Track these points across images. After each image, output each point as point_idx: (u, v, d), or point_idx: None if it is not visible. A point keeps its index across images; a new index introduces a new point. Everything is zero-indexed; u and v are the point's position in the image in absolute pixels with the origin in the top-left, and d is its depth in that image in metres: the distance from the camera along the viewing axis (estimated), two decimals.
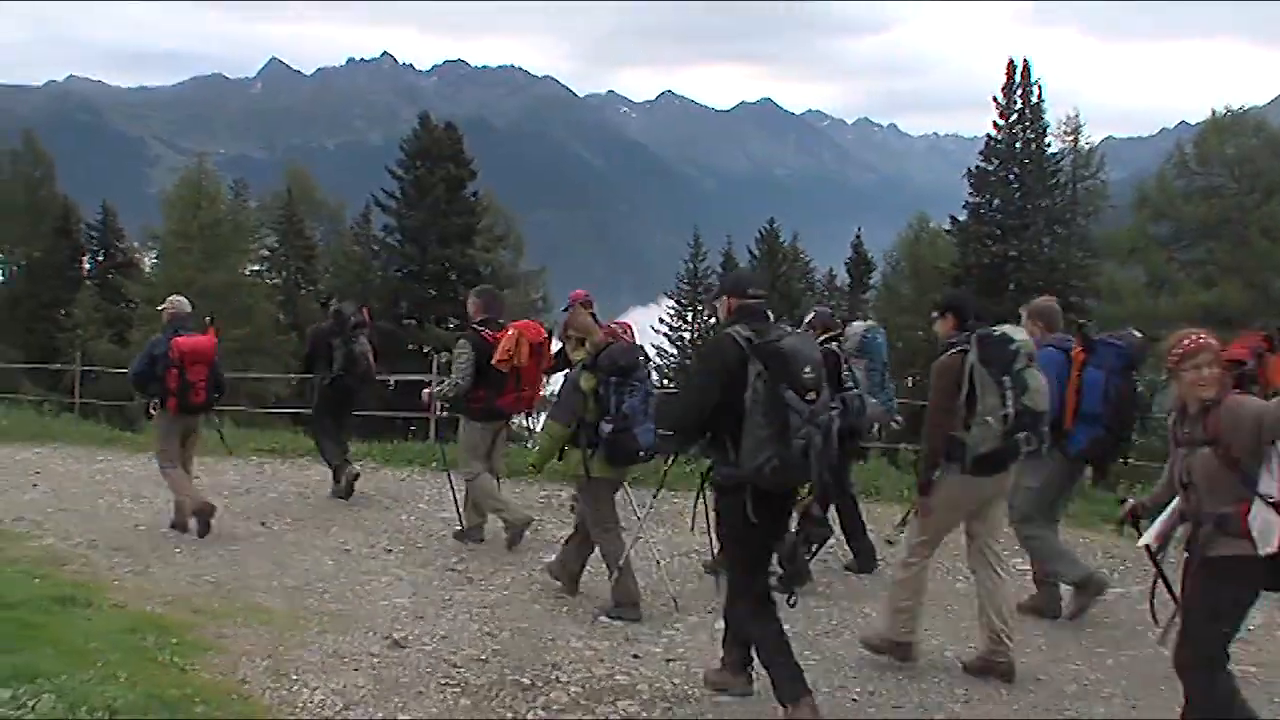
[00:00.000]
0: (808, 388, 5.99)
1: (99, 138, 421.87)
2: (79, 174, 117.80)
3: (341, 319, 13.09)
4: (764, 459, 5.95)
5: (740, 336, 6.16)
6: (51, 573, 9.57)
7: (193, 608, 8.76)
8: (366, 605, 8.99)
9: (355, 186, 71.03)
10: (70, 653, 7.07)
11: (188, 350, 11.04)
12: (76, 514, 12.27)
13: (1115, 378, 8.07)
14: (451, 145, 51.73)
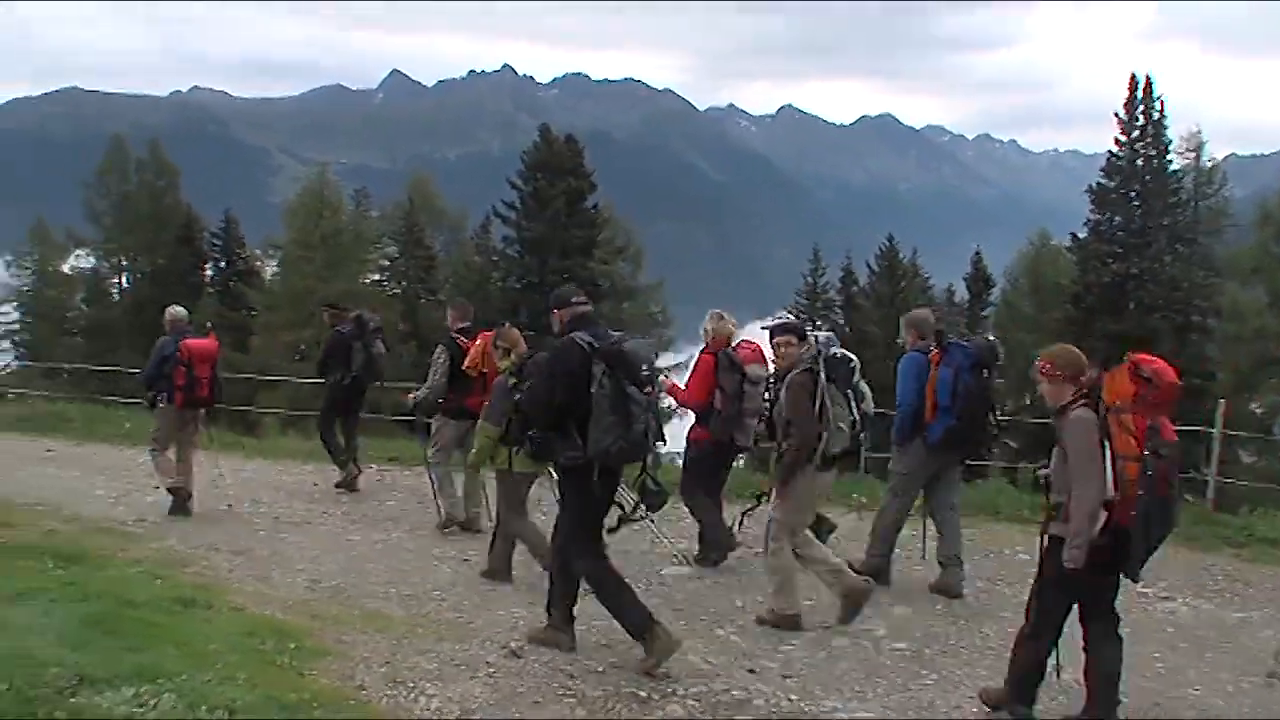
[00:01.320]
0: (644, 383, 7.31)
1: (223, 148, 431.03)
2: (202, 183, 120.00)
3: (362, 324, 14.29)
4: (611, 441, 7.12)
5: (583, 341, 7.31)
6: (173, 574, 9.78)
7: (311, 613, 8.89)
8: (484, 614, 9.03)
9: (476, 197, 71.59)
10: (190, 654, 7.17)
11: (196, 350, 12.39)
12: (197, 517, 12.54)
13: (964, 375, 9.27)
14: (572, 157, 51.95)
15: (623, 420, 7.15)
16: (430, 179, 67.65)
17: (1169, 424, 6.26)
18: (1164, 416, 6.25)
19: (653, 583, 10.02)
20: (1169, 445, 6.18)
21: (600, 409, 7.13)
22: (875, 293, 53.36)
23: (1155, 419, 6.20)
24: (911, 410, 9.54)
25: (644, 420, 7.26)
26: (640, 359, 7.36)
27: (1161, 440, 6.15)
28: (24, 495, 13.51)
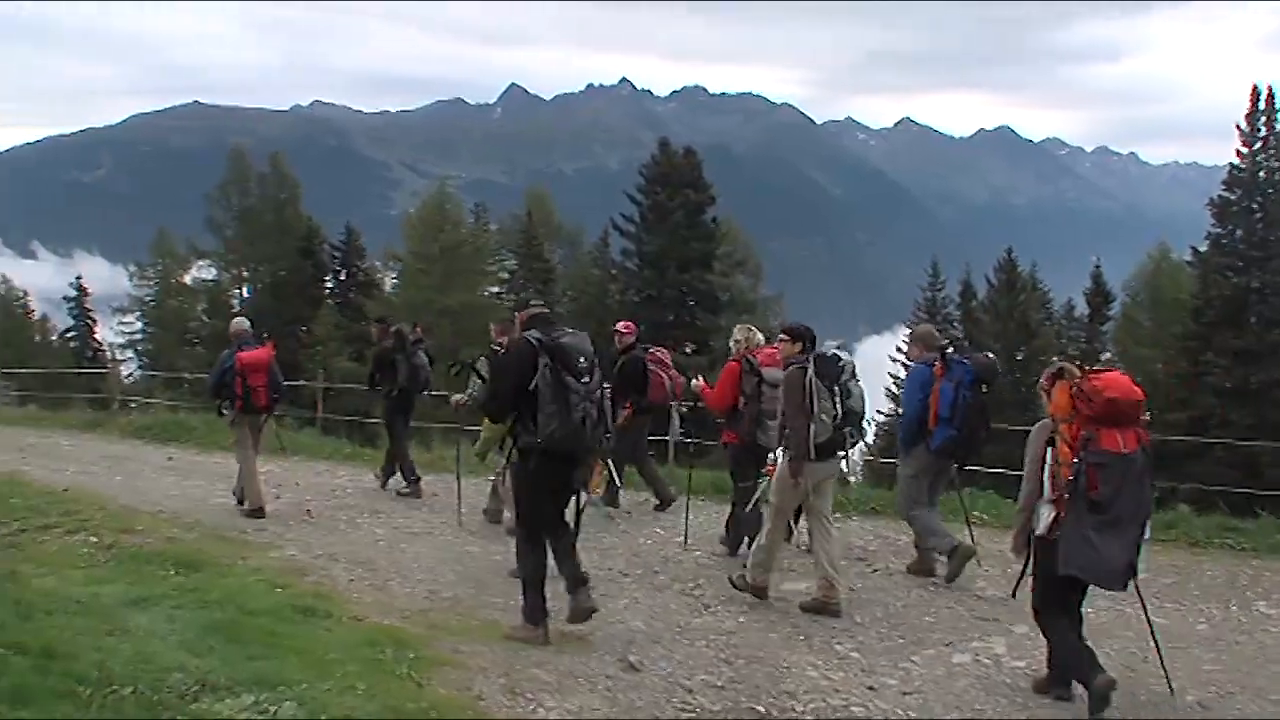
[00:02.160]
0: (581, 373, 8.08)
1: (344, 161, 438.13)
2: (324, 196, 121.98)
3: (402, 337, 14.94)
4: (552, 428, 7.96)
5: (533, 338, 8.16)
6: (293, 583, 9.89)
7: (430, 623, 8.94)
8: (603, 627, 8.98)
9: (594, 211, 71.91)
10: (310, 662, 7.23)
11: (248, 362, 13.26)
12: (317, 526, 12.71)
13: (964, 390, 10.12)
14: (691, 170, 51.87)
15: (563, 408, 7.98)
16: (548, 193, 68.10)
17: (1115, 435, 6.92)
18: (1106, 428, 6.92)
19: (772, 598, 9.90)
20: (1107, 455, 6.87)
21: (544, 398, 7.98)
22: (994, 307, 52.57)
23: (1092, 430, 6.93)
24: (915, 418, 10.50)
25: (582, 409, 8.06)
26: (578, 352, 8.15)
27: (1096, 449, 6.88)
28: (146, 502, 13.79)
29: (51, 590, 8.48)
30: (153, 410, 26.07)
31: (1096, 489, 6.86)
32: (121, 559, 10.58)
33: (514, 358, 8.30)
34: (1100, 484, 6.85)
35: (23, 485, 14.79)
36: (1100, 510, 6.88)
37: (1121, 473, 6.90)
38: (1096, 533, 6.90)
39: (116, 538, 11.47)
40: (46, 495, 14.03)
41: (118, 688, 5.24)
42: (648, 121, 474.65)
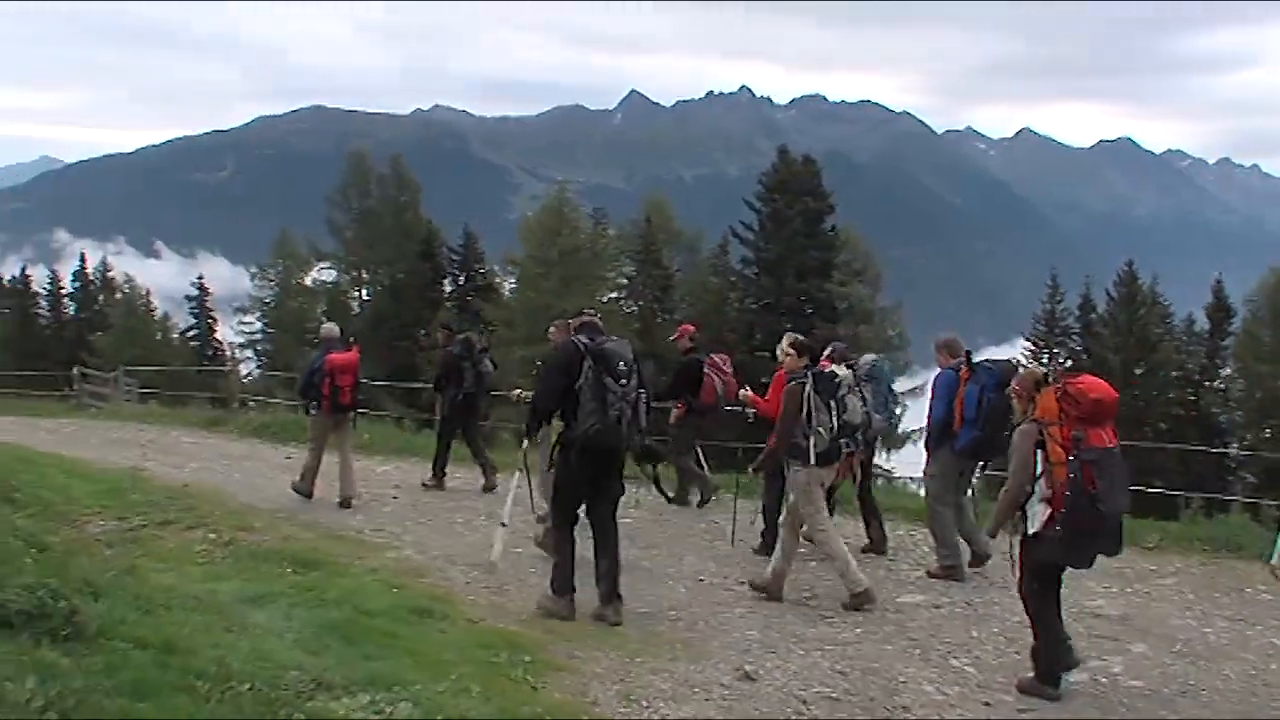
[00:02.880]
0: (620, 376, 8.98)
1: (463, 165, 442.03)
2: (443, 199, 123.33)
3: (469, 344, 15.67)
4: (590, 424, 8.91)
5: (580, 342, 9.16)
6: (409, 584, 9.98)
7: (545, 627, 8.95)
8: (719, 635, 8.98)
9: (713, 218, 71.71)
10: (426, 663, 7.28)
11: (337, 363, 14.15)
12: (434, 528, 12.79)
13: (989, 393, 10.57)
14: (810, 179, 51.48)
15: (601, 407, 8.91)
16: (667, 199, 67.85)
17: (1100, 433, 7.53)
18: (1093, 427, 7.52)
19: (888, 610, 9.88)
20: (1097, 451, 7.45)
21: (585, 397, 8.94)
22: (1113, 320, 51.59)
23: (1081, 430, 7.49)
24: (941, 420, 11.07)
25: (619, 408, 8.97)
26: (619, 358, 9.06)
27: (1088, 447, 7.43)
28: (264, 500, 13.98)
29: (170, 586, 8.60)
30: (271, 410, 26.41)
31: (1094, 484, 7.39)
32: (239, 556, 10.74)
33: (562, 358, 9.24)
34: (1097, 479, 7.41)
35: (143, 481, 15.07)
36: (1098, 504, 7.40)
37: (1110, 466, 7.52)
38: (1094, 525, 7.48)
39: (234, 535, 11.66)
40: (166, 491, 14.29)
41: (235, 684, 5.28)
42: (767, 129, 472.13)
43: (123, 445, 20.07)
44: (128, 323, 60.77)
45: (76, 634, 5.59)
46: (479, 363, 15.62)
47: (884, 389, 12.38)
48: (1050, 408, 7.66)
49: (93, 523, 12.28)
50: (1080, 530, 7.47)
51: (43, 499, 12.46)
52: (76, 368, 34.76)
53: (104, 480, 15.24)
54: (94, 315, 67.97)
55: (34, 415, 27.79)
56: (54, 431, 23.12)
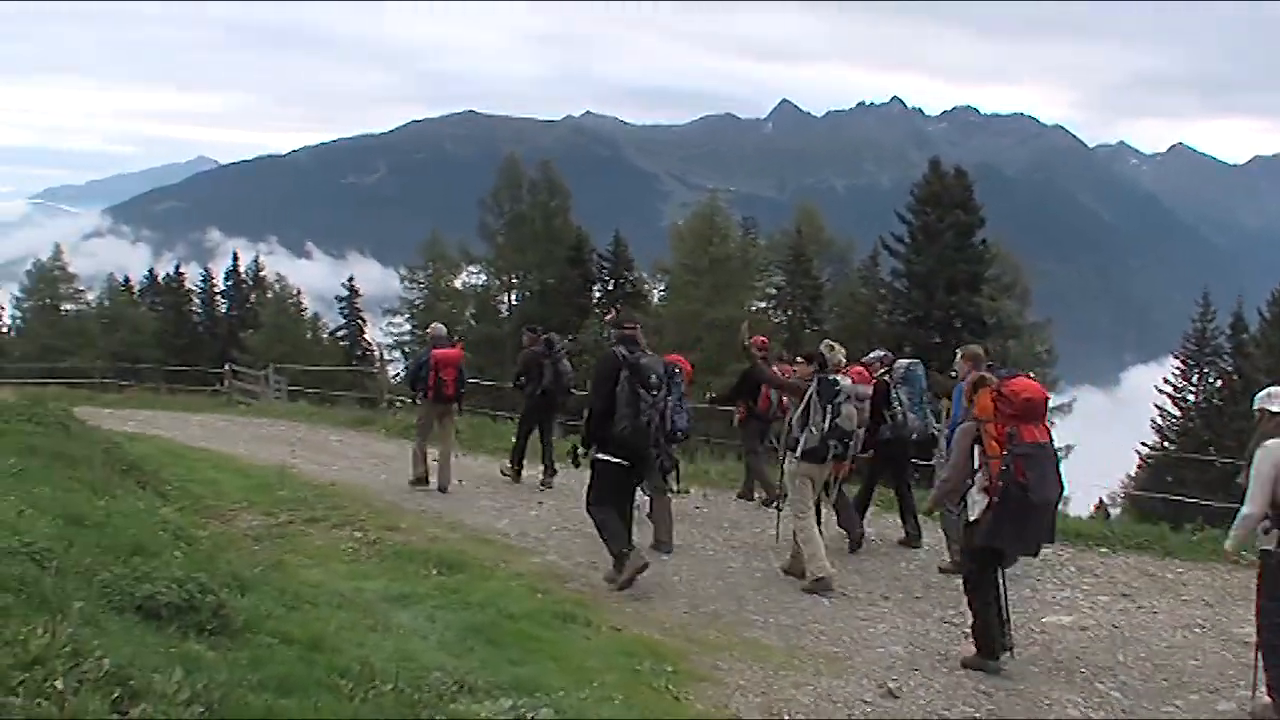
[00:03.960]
0: (652, 387, 10.25)
1: (614, 171, 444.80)
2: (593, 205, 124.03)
3: (551, 344, 16.53)
4: (624, 425, 10.13)
5: (619, 354, 10.36)
6: (553, 589, 10.04)
7: (689, 637, 8.95)
8: (862, 651, 8.94)
9: (863, 228, 71.15)
10: (569, 669, 7.29)
11: (441, 358, 15.60)
12: (578, 533, 12.74)
13: None
14: (961, 191, 50.96)
15: (633, 412, 10.12)
16: (818, 209, 67.56)
17: (1032, 429, 8.34)
18: (1025, 424, 8.32)
19: (1033, 632, 9.77)
20: (1029, 446, 8.25)
21: (620, 402, 10.14)
22: (1265, 340, 50.03)
23: (1014, 427, 8.30)
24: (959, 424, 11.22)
25: (648, 414, 10.22)
26: (650, 370, 10.34)
27: (1020, 443, 8.24)
28: (411, 501, 14.13)
29: (316, 582, 8.71)
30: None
31: (1025, 476, 8.17)
32: (385, 556, 10.88)
33: (606, 368, 10.42)
34: (1027, 471, 8.19)
35: (291, 478, 15.33)
36: (1029, 493, 8.15)
37: (1041, 460, 8.30)
38: (1024, 513, 8.24)
39: (381, 534, 11.81)
40: (314, 489, 14.54)
41: (379, 683, 5.28)
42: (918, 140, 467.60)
43: (271, 442, 20.45)
44: (278, 321, 62.10)
45: (223, 628, 5.64)
46: (558, 361, 16.45)
47: (918, 391, 13.24)
48: (986, 407, 8.46)
49: (241, 518, 12.51)
50: (1012, 518, 8.25)
51: (192, 493, 12.74)
52: (228, 364, 35.54)
53: (253, 476, 15.55)
54: (245, 313, 69.69)
55: (185, 410, 28.46)
56: (204, 427, 23.65)
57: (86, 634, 4.18)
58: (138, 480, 11.39)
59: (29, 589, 4.99)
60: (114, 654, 3.98)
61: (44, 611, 4.51)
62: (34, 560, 5.59)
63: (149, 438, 19.65)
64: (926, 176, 52.44)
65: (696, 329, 47.58)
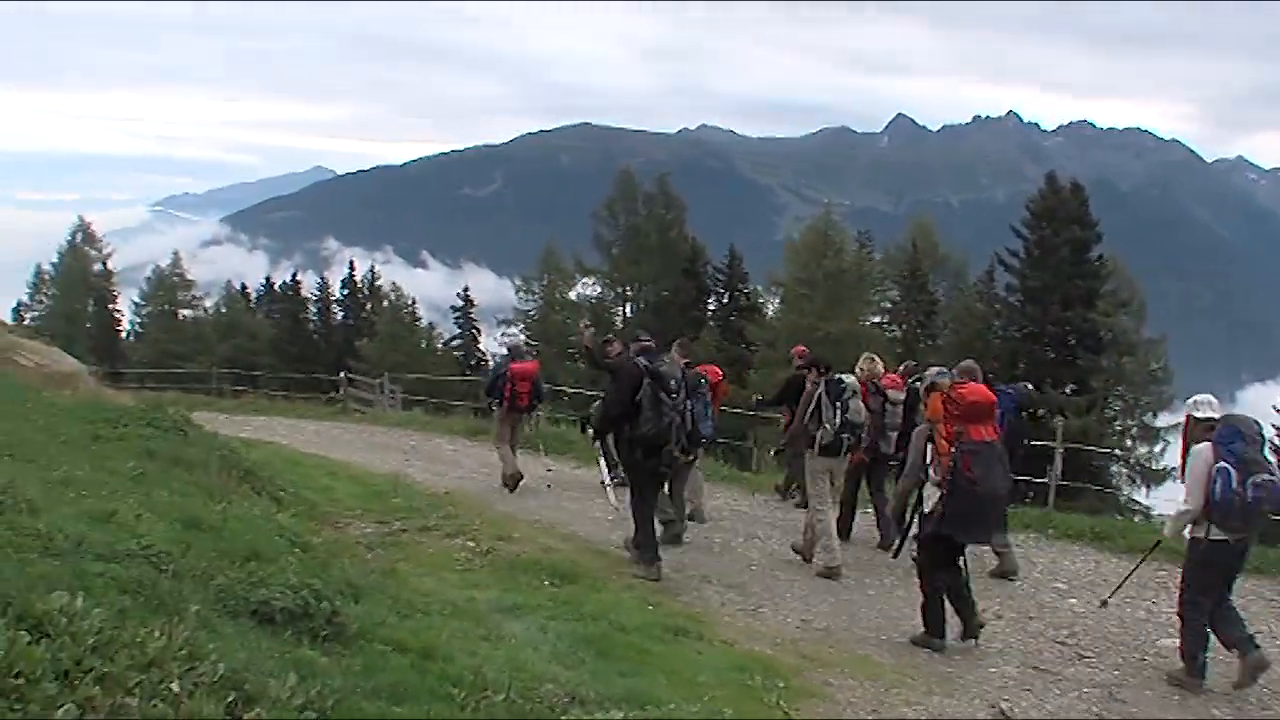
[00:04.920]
0: (671, 391, 11.34)
1: (729, 184, 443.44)
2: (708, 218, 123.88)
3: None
4: (648, 426, 11.24)
5: (641, 364, 11.54)
6: (665, 602, 10.04)
7: (801, 652, 8.93)
8: (974, 670, 8.88)
9: (978, 243, 70.32)
10: (680, 683, 7.29)
11: (517, 371, 16.83)
12: (690, 546, 12.87)
13: (1008, 414, 11.63)
14: (1077, 206, 50.12)
15: (655, 414, 11.24)
16: (933, 223, 66.94)
17: (980, 429, 9.29)
18: (972, 424, 9.27)
19: (1148, 652, 9.65)
20: (976, 443, 9.21)
21: (644, 406, 11.27)
22: None
23: (962, 426, 9.24)
24: None
25: (669, 416, 11.29)
26: (671, 377, 11.46)
27: (968, 440, 9.20)
28: (524, 510, 14.21)
29: (429, 591, 8.76)
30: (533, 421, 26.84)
31: (971, 470, 9.12)
32: (498, 565, 10.93)
33: (629, 377, 11.53)
34: (974, 466, 9.14)
35: (405, 486, 15.48)
36: (975, 486, 9.09)
37: (988, 457, 9.24)
38: (971, 504, 9.17)
39: (493, 544, 11.87)
40: (428, 497, 14.67)
41: (490, 693, 5.27)
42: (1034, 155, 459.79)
43: (386, 450, 20.65)
44: (393, 330, 62.74)
45: (336, 634, 5.69)
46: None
47: None
48: (936, 409, 9.48)
49: (354, 525, 12.63)
50: (961, 508, 9.18)
51: (307, 499, 12.87)
52: (343, 372, 35.93)
53: (367, 484, 15.72)
54: (361, 322, 70.54)
55: (300, 417, 28.88)
56: (319, 434, 23.98)
57: (202, 637, 4.21)
58: (253, 486, 11.52)
59: (146, 591, 5.06)
60: (229, 658, 4.00)
61: (161, 614, 4.56)
62: (151, 563, 5.67)
63: (264, 444, 19.95)
64: (1042, 191, 51.67)
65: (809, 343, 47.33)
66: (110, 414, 12.25)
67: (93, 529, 6.08)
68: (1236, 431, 8.63)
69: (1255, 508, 8.44)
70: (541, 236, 75.71)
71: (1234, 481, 8.37)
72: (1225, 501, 8.41)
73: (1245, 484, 8.35)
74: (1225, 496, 8.40)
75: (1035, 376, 46.63)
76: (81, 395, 14.07)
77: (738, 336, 55.82)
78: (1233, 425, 8.71)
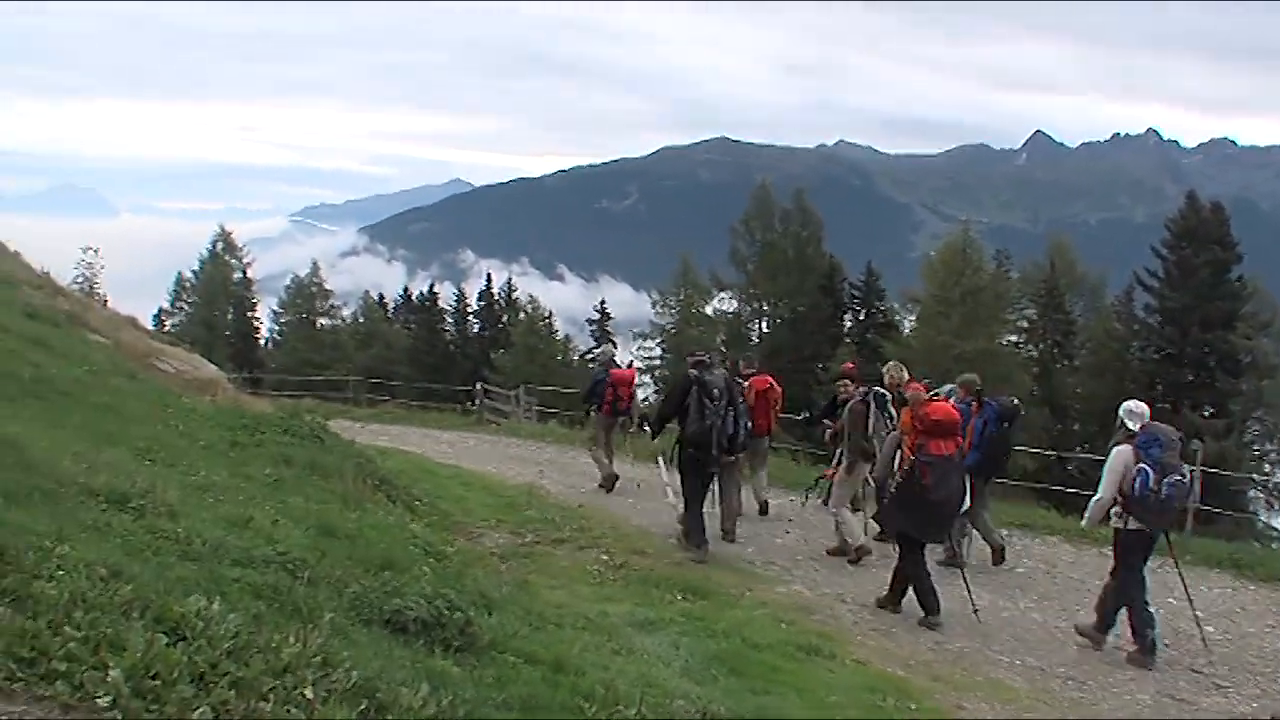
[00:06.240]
0: (715, 397, 12.71)
1: (866, 201, 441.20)
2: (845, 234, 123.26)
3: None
4: (694, 429, 12.73)
5: (692, 374, 13.02)
6: (798, 620, 9.98)
7: (933, 674, 8.85)
8: (1109, 697, 8.75)
9: (1116, 262, 69.07)
10: (812, 703, 7.25)
11: (617, 378, 17.84)
12: (825, 564, 12.81)
13: (990, 424, 13.23)
14: (1218, 226, 48.99)
15: (699, 417, 12.72)
16: (1070, 242, 65.90)
17: (940, 444, 10.55)
18: (933, 439, 10.54)
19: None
20: (933, 457, 10.50)
21: (690, 410, 12.81)
22: None
23: (924, 440, 10.54)
24: None
25: (711, 419, 12.68)
26: (714, 385, 12.84)
27: (927, 453, 10.52)
28: (658, 525, 14.18)
29: (561, 603, 8.78)
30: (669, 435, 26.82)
31: (926, 479, 10.48)
32: (630, 580, 10.94)
33: (680, 386, 13.29)
34: (929, 476, 10.48)
35: (540, 498, 15.57)
36: (928, 494, 10.48)
37: (943, 468, 10.54)
38: (922, 507, 10.58)
39: (627, 558, 11.90)
40: (561, 510, 14.72)
41: (622, 708, 5.24)
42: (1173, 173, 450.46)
43: (520, 462, 20.75)
44: (529, 342, 63.06)
45: (469, 645, 5.70)
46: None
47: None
48: (906, 423, 10.91)
49: (488, 536, 12.73)
50: (912, 509, 10.62)
51: (441, 509, 12.97)
52: (479, 383, 36.20)
53: (501, 495, 15.82)
54: (497, 333, 71.05)
55: (435, 427, 29.18)
56: (454, 444, 24.17)
57: (336, 645, 4.23)
58: (388, 494, 11.63)
59: (281, 597, 5.12)
60: (362, 666, 4.02)
61: (295, 620, 4.60)
62: (287, 569, 5.74)
63: (399, 453, 20.16)
64: (1182, 210, 50.62)
65: (946, 360, 46.75)
66: (248, 420, 12.42)
67: (230, 534, 6.17)
68: (1155, 438, 10.01)
69: (1169, 504, 9.95)
70: (678, 250, 75.62)
71: (1151, 481, 9.74)
72: (1142, 497, 9.77)
73: (1161, 484, 9.73)
74: (1143, 493, 9.76)
75: (1173, 399, 45.90)
76: (220, 401, 14.27)
77: (874, 353, 55.40)
78: (1152, 432, 10.08)
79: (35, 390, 9.63)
